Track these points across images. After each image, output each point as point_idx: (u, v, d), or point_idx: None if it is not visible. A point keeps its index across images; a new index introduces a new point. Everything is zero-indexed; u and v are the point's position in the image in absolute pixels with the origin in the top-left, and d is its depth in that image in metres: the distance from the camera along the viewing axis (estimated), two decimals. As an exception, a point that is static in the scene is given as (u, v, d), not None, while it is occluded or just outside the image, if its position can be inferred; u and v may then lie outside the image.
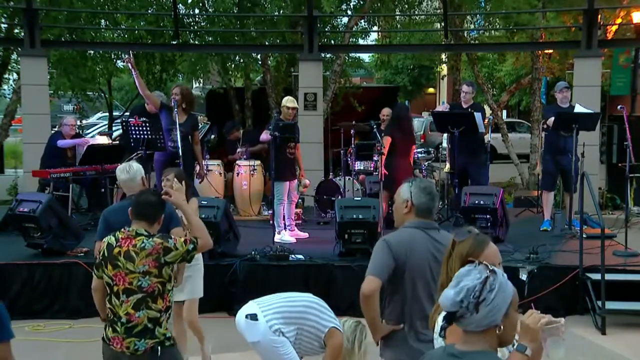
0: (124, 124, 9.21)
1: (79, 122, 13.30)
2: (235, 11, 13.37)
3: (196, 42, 13.88)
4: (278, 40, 13.65)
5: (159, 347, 3.83)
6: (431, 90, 40.31)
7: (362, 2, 14.30)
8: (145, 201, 4.04)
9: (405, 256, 3.48)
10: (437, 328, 2.63)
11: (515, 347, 2.36)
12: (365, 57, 27.71)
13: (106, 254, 3.89)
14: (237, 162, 10.23)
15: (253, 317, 4.42)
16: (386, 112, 10.28)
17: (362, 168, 9.95)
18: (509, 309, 2.22)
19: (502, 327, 2.21)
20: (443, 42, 13.93)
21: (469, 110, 9.09)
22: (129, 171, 4.92)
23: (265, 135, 8.66)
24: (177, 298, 5.31)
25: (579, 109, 8.84)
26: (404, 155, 8.62)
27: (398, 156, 8.45)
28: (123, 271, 3.82)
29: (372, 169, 9.57)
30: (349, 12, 14.81)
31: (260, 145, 9.91)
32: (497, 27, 15.97)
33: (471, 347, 2.23)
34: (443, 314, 2.56)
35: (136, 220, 3.97)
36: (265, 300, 4.62)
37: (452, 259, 2.67)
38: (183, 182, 4.99)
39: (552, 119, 8.69)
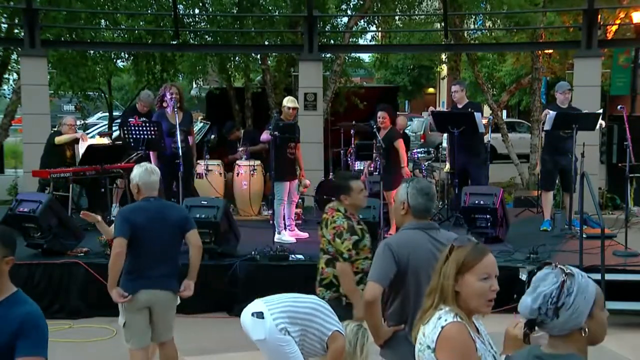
0: (123, 127, 9.23)
1: (80, 122, 13.29)
2: (235, 11, 13.37)
3: (196, 42, 13.89)
4: (278, 40, 13.66)
5: (344, 298, 4.84)
6: (431, 90, 40.33)
7: (362, 2, 14.31)
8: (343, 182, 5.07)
9: (407, 258, 3.48)
10: (424, 339, 2.54)
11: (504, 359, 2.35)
12: (365, 57, 27.73)
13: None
14: (237, 162, 10.23)
15: (259, 315, 4.43)
16: (401, 121, 10.44)
17: (362, 168, 9.95)
18: (593, 309, 2.16)
19: (587, 329, 2.15)
20: (443, 42, 13.93)
21: (469, 109, 9.08)
22: (157, 173, 5.00)
23: (265, 136, 8.67)
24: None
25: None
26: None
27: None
28: (321, 233, 4.98)
29: (372, 168, 9.59)
30: (349, 12, 14.82)
31: (261, 145, 9.91)
32: (497, 27, 15.98)
33: (558, 351, 2.17)
34: (433, 322, 2.54)
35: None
36: (272, 299, 4.62)
37: (448, 264, 2.59)
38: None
39: (550, 113, 8.62)
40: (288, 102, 8.70)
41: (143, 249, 4.82)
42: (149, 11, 13.73)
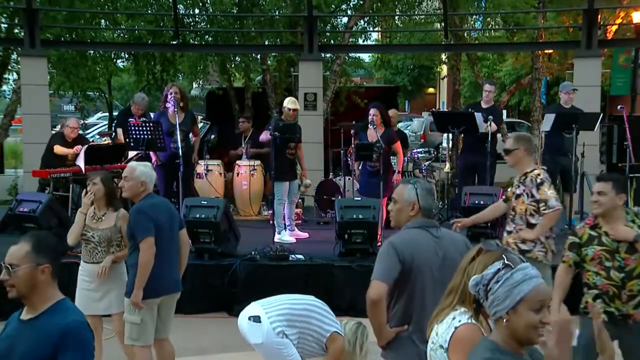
0: (121, 127, 9.23)
1: (80, 122, 13.29)
2: (235, 11, 13.38)
3: (196, 42, 13.89)
4: (278, 41, 13.66)
5: None
6: (431, 90, 40.38)
7: (361, 2, 14.31)
8: None
9: (411, 257, 3.48)
10: (437, 339, 2.55)
11: None
12: (365, 57, 27.74)
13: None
14: (237, 162, 10.23)
15: (256, 319, 4.42)
16: (392, 113, 10.38)
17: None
18: (518, 306, 2.24)
19: (507, 320, 2.25)
20: (443, 42, 13.93)
21: (481, 113, 9.03)
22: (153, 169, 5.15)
23: (264, 135, 8.66)
24: (95, 311, 5.29)
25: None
26: None
27: None
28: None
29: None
30: (349, 12, 14.83)
31: (266, 149, 9.83)
32: (497, 27, 15.97)
33: (491, 335, 2.33)
34: (447, 322, 2.54)
35: None
36: (268, 302, 4.61)
37: (475, 266, 2.56)
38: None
39: (548, 118, 8.62)
40: (289, 103, 8.69)
41: (162, 249, 4.85)
42: (149, 11, 13.72)
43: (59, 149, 9.37)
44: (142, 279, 4.77)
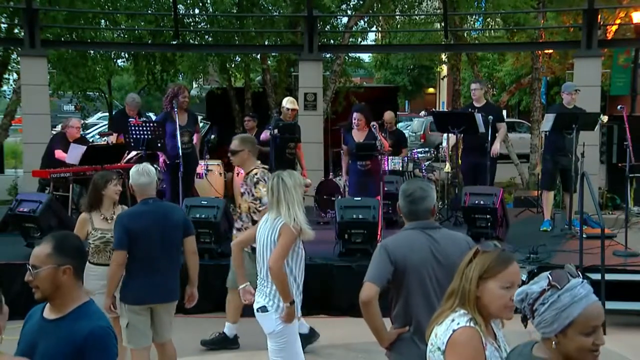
0: (128, 127, 9.19)
1: (81, 121, 13.30)
2: (235, 11, 13.38)
3: (196, 42, 13.90)
4: (278, 40, 13.67)
5: None
6: (431, 90, 40.39)
7: (362, 2, 14.31)
8: None
9: (404, 258, 3.48)
10: (436, 340, 2.54)
11: None
12: (365, 57, 27.74)
13: None
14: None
15: (263, 309, 4.42)
16: (388, 117, 10.38)
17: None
18: (568, 329, 2.14)
19: (555, 343, 2.16)
20: (443, 42, 13.93)
21: (475, 109, 9.03)
22: (149, 174, 4.95)
23: (264, 135, 8.66)
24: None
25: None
26: None
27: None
28: None
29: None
30: (349, 12, 14.83)
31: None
32: (497, 27, 15.98)
33: (537, 353, 2.22)
34: (446, 324, 2.53)
35: None
36: (260, 286, 4.52)
37: (472, 267, 2.55)
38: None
39: (549, 118, 8.63)
40: (287, 103, 8.69)
41: (146, 257, 4.81)
42: (149, 11, 13.73)
43: (60, 155, 9.38)
44: (109, 290, 4.84)
